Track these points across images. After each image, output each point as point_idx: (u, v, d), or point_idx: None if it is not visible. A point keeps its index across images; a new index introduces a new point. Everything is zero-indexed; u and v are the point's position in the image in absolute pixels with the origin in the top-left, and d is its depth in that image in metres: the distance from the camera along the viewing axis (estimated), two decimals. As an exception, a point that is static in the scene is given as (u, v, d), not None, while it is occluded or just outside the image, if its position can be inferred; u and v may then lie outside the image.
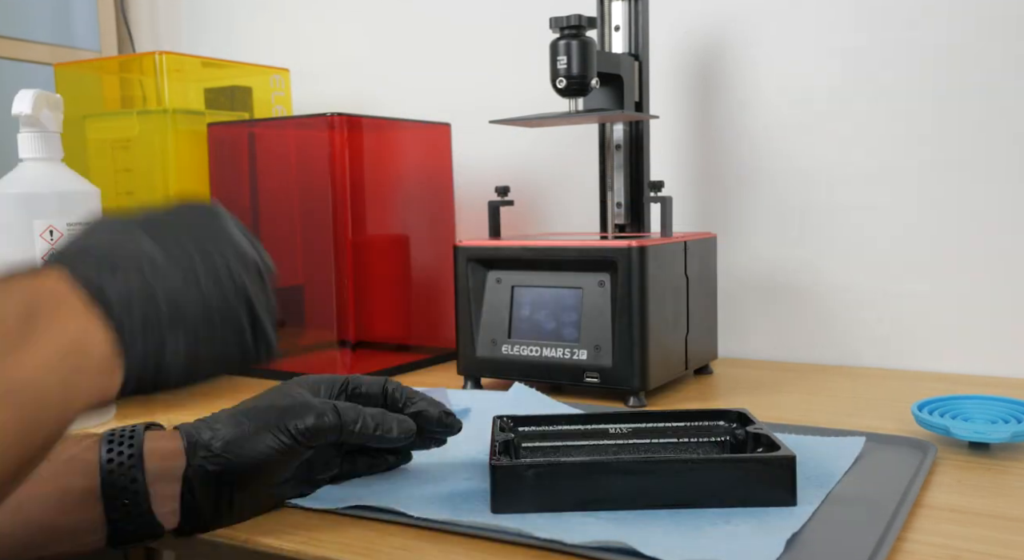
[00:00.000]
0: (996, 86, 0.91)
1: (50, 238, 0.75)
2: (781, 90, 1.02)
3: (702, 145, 1.07)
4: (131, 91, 1.17)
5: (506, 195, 0.92)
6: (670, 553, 0.46)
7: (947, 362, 0.95)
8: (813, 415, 0.76)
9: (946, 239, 0.95)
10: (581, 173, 1.10)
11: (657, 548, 0.46)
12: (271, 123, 1.05)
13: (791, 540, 0.48)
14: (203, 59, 1.16)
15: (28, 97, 0.76)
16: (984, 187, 0.93)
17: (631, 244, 0.80)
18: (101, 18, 1.49)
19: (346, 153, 0.94)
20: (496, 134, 1.11)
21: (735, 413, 0.62)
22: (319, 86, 1.32)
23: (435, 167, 1.08)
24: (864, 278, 0.99)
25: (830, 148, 1.00)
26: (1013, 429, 0.63)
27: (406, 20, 1.25)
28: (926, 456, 0.61)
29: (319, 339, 0.97)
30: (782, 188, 1.03)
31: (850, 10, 0.97)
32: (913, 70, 0.95)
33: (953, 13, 0.93)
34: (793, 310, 1.03)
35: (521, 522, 0.50)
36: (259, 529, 0.53)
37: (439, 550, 0.49)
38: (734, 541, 0.48)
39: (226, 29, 1.43)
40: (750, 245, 1.05)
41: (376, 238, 1.00)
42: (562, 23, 0.83)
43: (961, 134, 0.93)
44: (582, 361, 0.82)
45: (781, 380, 0.92)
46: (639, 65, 0.93)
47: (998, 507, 0.54)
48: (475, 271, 0.88)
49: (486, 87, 1.19)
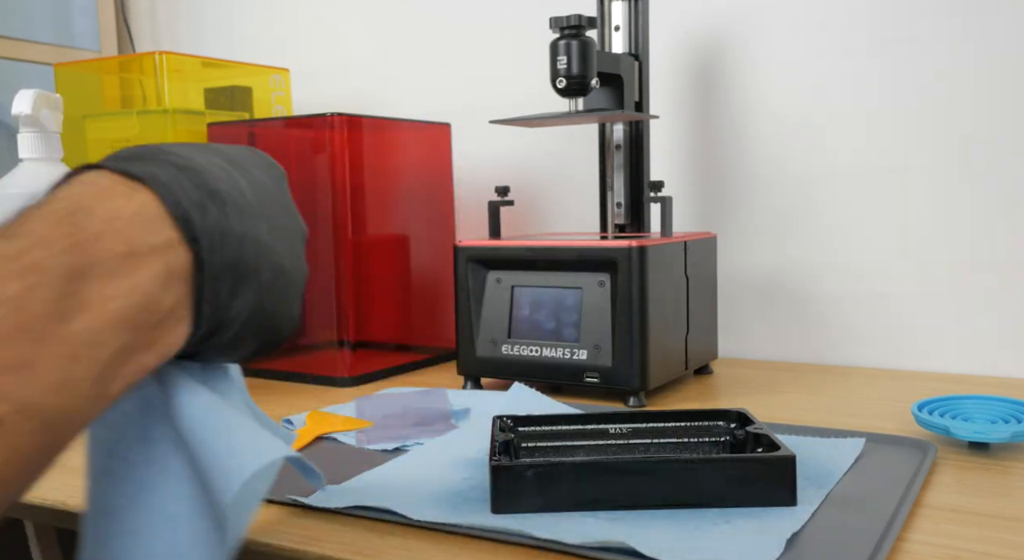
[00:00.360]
0: (997, 86, 0.91)
1: None
2: (781, 90, 1.02)
3: (702, 145, 1.07)
4: (131, 91, 1.17)
5: (506, 195, 0.92)
6: (670, 553, 0.46)
7: (947, 362, 0.95)
8: (813, 415, 0.76)
9: (946, 239, 0.95)
10: (581, 173, 1.10)
11: (657, 548, 0.46)
12: (271, 123, 1.05)
13: (791, 540, 0.48)
14: (203, 59, 1.16)
15: (28, 97, 0.75)
16: (984, 187, 0.93)
17: (631, 244, 0.80)
18: (101, 18, 1.49)
19: (346, 153, 0.94)
20: (496, 134, 1.12)
21: (735, 413, 0.62)
22: (319, 86, 1.32)
23: (435, 167, 1.08)
24: (864, 278, 0.99)
25: (830, 148, 1.00)
26: (1013, 429, 0.63)
27: (406, 20, 1.26)
28: (926, 456, 0.61)
29: (319, 339, 0.97)
30: (782, 188, 1.03)
31: (850, 10, 0.97)
32: (913, 71, 0.95)
33: (953, 13, 0.93)
34: (793, 310, 1.03)
35: (521, 522, 0.50)
36: (259, 529, 0.53)
37: (439, 550, 0.49)
38: (734, 541, 0.48)
39: (226, 29, 1.43)
40: (750, 245, 1.05)
41: (376, 238, 1.00)
42: (562, 23, 0.83)
43: (961, 135, 0.93)
44: (582, 361, 0.82)
45: (781, 380, 0.92)
46: (639, 65, 0.93)
47: (998, 507, 0.54)
48: (475, 271, 0.88)
49: (486, 87, 1.19)
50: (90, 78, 1.19)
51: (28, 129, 0.77)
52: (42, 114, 0.76)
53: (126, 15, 1.51)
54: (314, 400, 0.87)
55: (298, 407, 0.84)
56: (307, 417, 0.75)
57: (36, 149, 0.77)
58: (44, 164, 0.77)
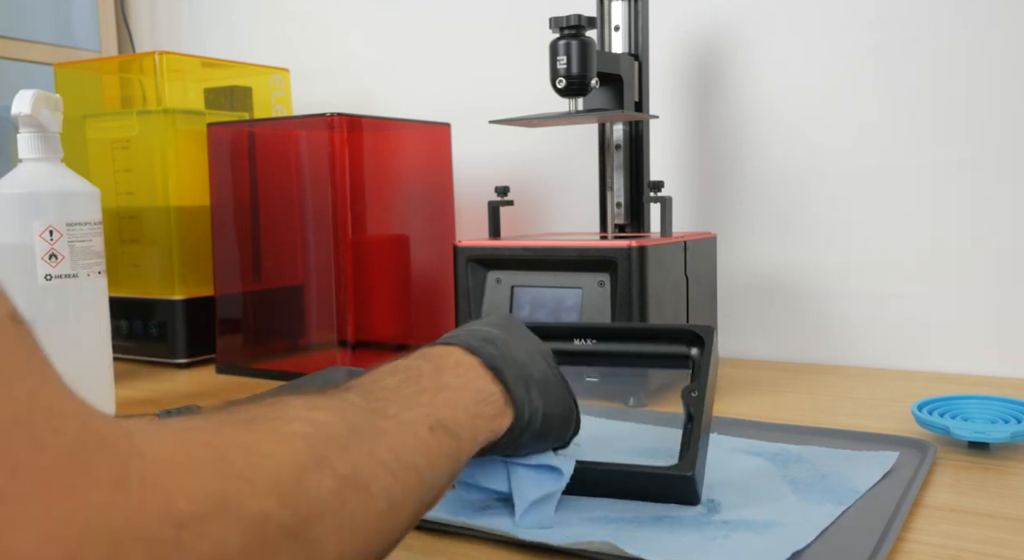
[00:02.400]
0: (996, 87, 0.91)
1: (49, 238, 0.75)
2: (781, 90, 1.02)
3: (702, 145, 1.07)
4: (131, 91, 1.17)
5: (506, 195, 0.92)
6: (655, 553, 0.46)
7: (947, 362, 0.95)
8: (813, 415, 0.76)
9: (946, 239, 0.95)
10: (581, 173, 1.10)
11: (644, 549, 0.46)
12: (271, 123, 1.05)
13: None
14: (203, 59, 1.16)
15: (28, 97, 0.75)
16: (983, 187, 0.93)
17: (631, 244, 0.80)
18: (101, 18, 1.49)
19: (346, 153, 0.94)
20: (496, 134, 1.11)
21: (692, 334, 0.62)
22: (319, 86, 1.32)
23: (435, 167, 1.08)
24: (864, 278, 0.99)
25: (830, 148, 1.00)
26: (1013, 429, 0.63)
27: (406, 20, 1.26)
28: (926, 456, 0.61)
29: (319, 339, 0.97)
30: (782, 188, 1.03)
31: (850, 10, 0.97)
32: (913, 71, 0.95)
33: (954, 13, 0.93)
34: (793, 310, 1.03)
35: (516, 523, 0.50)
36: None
37: (439, 550, 0.49)
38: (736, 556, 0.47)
39: (226, 29, 1.43)
40: (750, 245, 1.05)
41: (376, 238, 1.00)
42: (562, 23, 0.83)
43: (960, 135, 0.93)
44: (582, 361, 0.82)
45: (781, 380, 0.92)
46: (639, 65, 0.93)
47: (998, 507, 0.54)
48: (475, 271, 0.88)
49: (486, 87, 1.19)
50: (90, 78, 1.19)
51: (28, 129, 0.77)
52: (42, 114, 0.76)
53: (126, 15, 1.51)
54: (314, 400, 0.87)
55: (298, 407, 0.84)
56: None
57: (36, 149, 0.77)
58: (44, 164, 0.77)
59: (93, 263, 0.78)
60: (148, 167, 1.06)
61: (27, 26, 1.43)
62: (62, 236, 0.76)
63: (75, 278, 0.77)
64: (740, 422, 0.72)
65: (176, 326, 1.05)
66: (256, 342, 1.03)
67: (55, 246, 0.76)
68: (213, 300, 1.05)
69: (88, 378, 0.79)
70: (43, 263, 0.75)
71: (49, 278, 0.75)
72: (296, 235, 0.98)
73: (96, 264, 0.79)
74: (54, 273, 0.75)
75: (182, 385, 0.97)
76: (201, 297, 1.06)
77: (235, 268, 1.03)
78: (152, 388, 0.95)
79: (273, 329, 1.02)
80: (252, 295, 1.03)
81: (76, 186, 0.78)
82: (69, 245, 0.76)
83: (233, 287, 1.04)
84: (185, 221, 1.06)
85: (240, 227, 1.02)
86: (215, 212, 1.03)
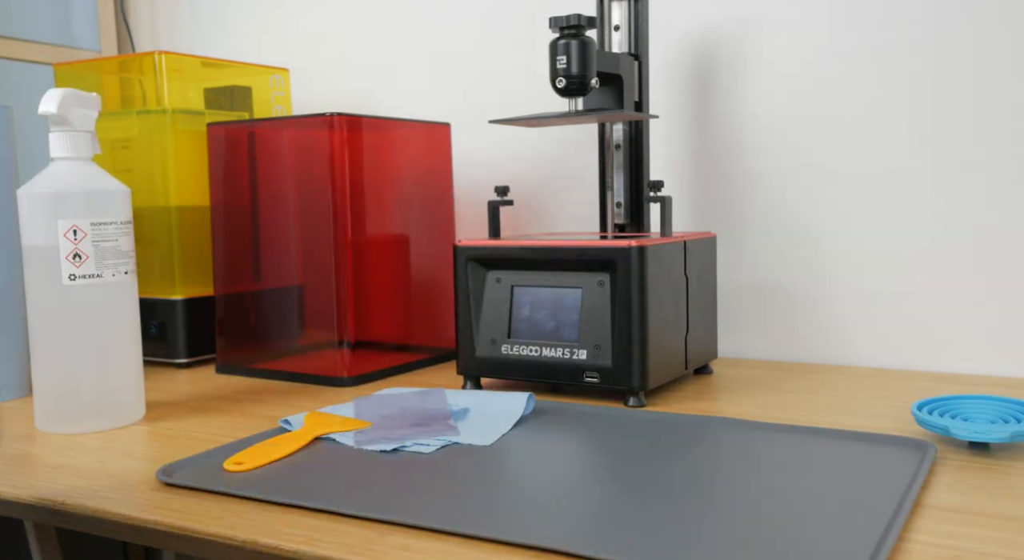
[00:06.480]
0: (995, 86, 0.91)
1: (73, 238, 0.75)
2: (780, 90, 1.02)
3: (702, 145, 1.07)
4: (131, 91, 1.17)
5: (506, 195, 0.92)
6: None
7: (947, 362, 0.95)
8: (813, 415, 0.76)
9: (946, 238, 0.95)
10: (581, 173, 1.10)
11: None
12: (271, 123, 1.04)
13: (791, 538, 0.48)
14: (203, 59, 1.16)
15: (54, 97, 0.76)
16: (983, 187, 0.93)
17: (631, 244, 0.80)
18: (101, 18, 1.49)
19: (346, 153, 0.94)
20: (496, 134, 1.12)
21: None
22: (319, 86, 1.32)
23: (435, 167, 1.08)
24: (864, 277, 0.99)
25: (830, 147, 1.00)
26: (1013, 429, 0.63)
27: (406, 20, 1.26)
28: (926, 456, 0.61)
29: (319, 339, 0.97)
30: (782, 188, 1.03)
31: (849, 9, 0.97)
32: (912, 70, 0.95)
33: (953, 12, 0.93)
34: (793, 310, 1.03)
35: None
36: (259, 529, 0.53)
37: (439, 550, 0.49)
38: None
39: (226, 29, 1.43)
40: (749, 245, 1.05)
41: (376, 238, 1.00)
42: (562, 23, 0.83)
43: (960, 135, 0.93)
44: (582, 361, 0.82)
45: (781, 380, 0.92)
46: (639, 65, 0.93)
47: (998, 507, 0.54)
48: (475, 271, 0.88)
49: (486, 87, 1.19)
50: (90, 78, 1.19)
51: (57, 128, 0.77)
52: (71, 113, 0.76)
53: (126, 15, 1.51)
54: (313, 400, 0.87)
55: (297, 407, 0.84)
56: (305, 418, 0.75)
57: (64, 148, 0.77)
58: (72, 163, 0.77)
59: (120, 263, 0.77)
60: (148, 167, 1.06)
61: (27, 26, 1.43)
62: (87, 235, 0.75)
63: (100, 278, 0.76)
64: (740, 422, 0.72)
65: (176, 326, 1.05)
66: (256, 342, 1.03)
67: (79, 246, 0.75)
68: (213, 300, 1.05)
69: (114, 379, 0.79)
70: (67, 263, 0.75)
71: (73, 278, 0.75)
72: (296, 235, 0.98)
73: (124, 264, 0.78)
74: (78, 273, 0.75)
75: (182, 385, 0.97)
76: (201, 297, 1.07)
77: (235, 268, 1.03)
78: (152, 388, 0.95)
79: (273, 329, 1.02)
80: (252, 295, 1.03)
81: (103, 184, 0.77)
82: (94, 245, 0.76)
83: (233, 287, 1.04)
84: (185, 221, 1.06)
85: (240, 227, 1.02)
86: (215, 212, 1.04)
